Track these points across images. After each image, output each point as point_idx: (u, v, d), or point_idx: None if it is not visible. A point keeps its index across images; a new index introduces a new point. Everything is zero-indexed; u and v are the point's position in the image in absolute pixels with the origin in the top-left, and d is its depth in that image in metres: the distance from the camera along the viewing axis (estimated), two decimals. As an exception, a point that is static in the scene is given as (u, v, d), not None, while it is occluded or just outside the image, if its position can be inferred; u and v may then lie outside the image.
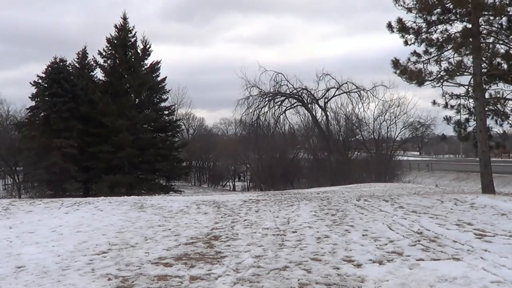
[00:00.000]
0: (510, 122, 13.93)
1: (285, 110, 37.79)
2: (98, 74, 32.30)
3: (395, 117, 36.15)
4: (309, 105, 37.69)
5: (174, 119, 35.50)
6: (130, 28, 31.24)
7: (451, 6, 13.05)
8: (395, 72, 14.01)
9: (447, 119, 14.84)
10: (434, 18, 13.46)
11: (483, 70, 13.43)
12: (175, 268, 4.83)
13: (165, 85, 32.16)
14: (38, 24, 69.89)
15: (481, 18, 12.96)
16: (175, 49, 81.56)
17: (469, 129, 14.59)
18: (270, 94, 36.85)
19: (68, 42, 66.20)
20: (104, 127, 28.79)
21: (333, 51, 73.58)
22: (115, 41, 30.75)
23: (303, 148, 40.37)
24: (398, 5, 13.61)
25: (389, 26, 13.78)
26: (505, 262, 4.69)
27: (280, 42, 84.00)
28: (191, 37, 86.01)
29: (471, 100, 14.19)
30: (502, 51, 13.24)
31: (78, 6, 75.23)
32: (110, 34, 30.98)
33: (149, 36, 66.68)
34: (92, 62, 32.07)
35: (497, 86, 13.80)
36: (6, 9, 67.82)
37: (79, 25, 66.51)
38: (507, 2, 12.47)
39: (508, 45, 13.11)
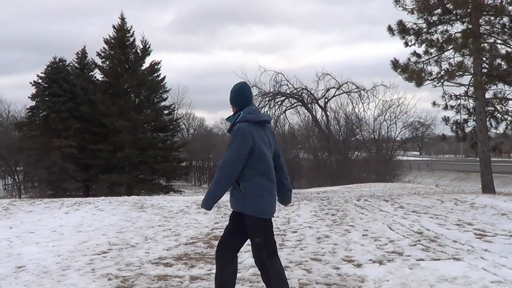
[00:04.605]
0: (507, 123, 13.93)
1: (285, 110, 37.73)
2: (98, 74, 32.36)
3: (395, 117, 36.18)
4: (309, 105, 37.65)
5: (174, 119, 35.48)
6: (128, 28, 31.20)
7: (451, 7, 13.06)
8: (396, 71, 14.05)
9: (446, 120, 14.86)
10: (434, 18, 13.48)
11: (483, 70, 13.44)
12: (175, 268, 4.83)
13: (164, 84, 32.14)
14: (62, 34, 73.58)
15: (481, 19, 12.97)
16: (179, 57, 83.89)
17: (468, 129, 14.62)
18: (270, 94, 36.77)
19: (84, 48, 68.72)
20: (103, 127, 28.81)
21: (332, 58, 75.05)
22: (113, 42, 30.74)
23: (303, 148, 40.35)
24: (399, 6, 13.63)
25: (389, 29, 13.82)
26: (505, 262, 4.69)
27: (279, 49, 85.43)
28: (195, 46, 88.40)
29: (470, 101, 14.21)
30: (503, 51, 13.25)
31: (100, 19, 79.41)
32: (108, 35, 31.00)
33: (160, 45, 68.25)
34: (91, 63, 32.12)
35: (497, 86, 13.83)
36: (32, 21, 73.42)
37: (97, 36, 69.31)
38: (508, 1, 12.48)
39: (509, 46, 13.12)
